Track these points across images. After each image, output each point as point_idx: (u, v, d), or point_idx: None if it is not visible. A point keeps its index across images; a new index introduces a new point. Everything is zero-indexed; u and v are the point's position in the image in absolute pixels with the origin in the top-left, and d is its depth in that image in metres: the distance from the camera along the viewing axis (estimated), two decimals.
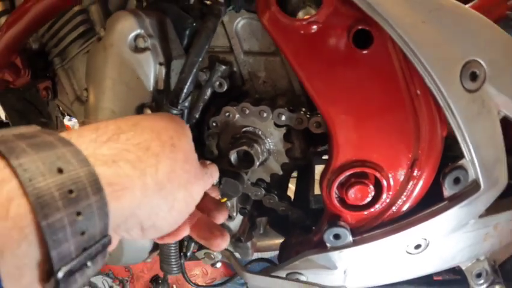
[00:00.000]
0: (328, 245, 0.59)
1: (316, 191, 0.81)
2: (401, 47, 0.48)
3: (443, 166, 0.55)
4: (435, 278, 0.71)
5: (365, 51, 0.51)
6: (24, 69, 0.77)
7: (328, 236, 0.58)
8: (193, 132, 0.69)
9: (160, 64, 0.62)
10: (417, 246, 0.58)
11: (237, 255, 0.76)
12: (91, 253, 0.28)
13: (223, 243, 0.48)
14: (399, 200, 0.57)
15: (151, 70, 0.61)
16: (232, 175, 0.61)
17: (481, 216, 0.56)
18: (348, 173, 0.55)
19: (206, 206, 0.50)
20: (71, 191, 0.26)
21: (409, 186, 0.56)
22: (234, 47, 0.67)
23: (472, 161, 0.51)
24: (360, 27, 0.50)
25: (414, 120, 0.53)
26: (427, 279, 0.69)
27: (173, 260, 0.66)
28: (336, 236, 0.58)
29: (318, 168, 0.83)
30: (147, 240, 0.67)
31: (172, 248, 0.65)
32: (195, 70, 0.58)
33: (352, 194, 0.56)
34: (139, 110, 0.64)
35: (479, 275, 0.61)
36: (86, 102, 0.67)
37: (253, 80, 0.69)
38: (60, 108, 0.94)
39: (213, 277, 1.47)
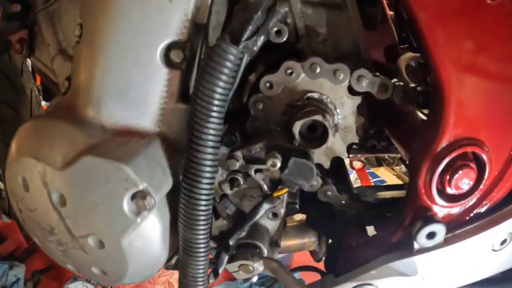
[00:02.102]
0: (416, 245, 0.47)
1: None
2: None
3: None
4: None
5: (493, 1, 0.41)
6: None
7: (422, 235, 0.46)
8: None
9: None
10: (503, 242, 0.51)
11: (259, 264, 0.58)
12: None
13: None
14: (496, 188, 0.49)
15: None
16: (301, 155, 0.44)
17: None
18: (456, 153, 0.44)
19: None
20: None
21: (507, 173, 0.48)
22: None
23: None
24: None
25: None
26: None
27: (200, 283, 0.44)
28: (431, 235, 0.46)
29: None
30: (163, 253, 0.44)
31: (201, 268, 0.43)
32: None
33: (458, 179, 0.45)
34: (165, 51, 0.41)
35: None
36: (77, 44, 0.41)
37: (310, 36, 0.53)
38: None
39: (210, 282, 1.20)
